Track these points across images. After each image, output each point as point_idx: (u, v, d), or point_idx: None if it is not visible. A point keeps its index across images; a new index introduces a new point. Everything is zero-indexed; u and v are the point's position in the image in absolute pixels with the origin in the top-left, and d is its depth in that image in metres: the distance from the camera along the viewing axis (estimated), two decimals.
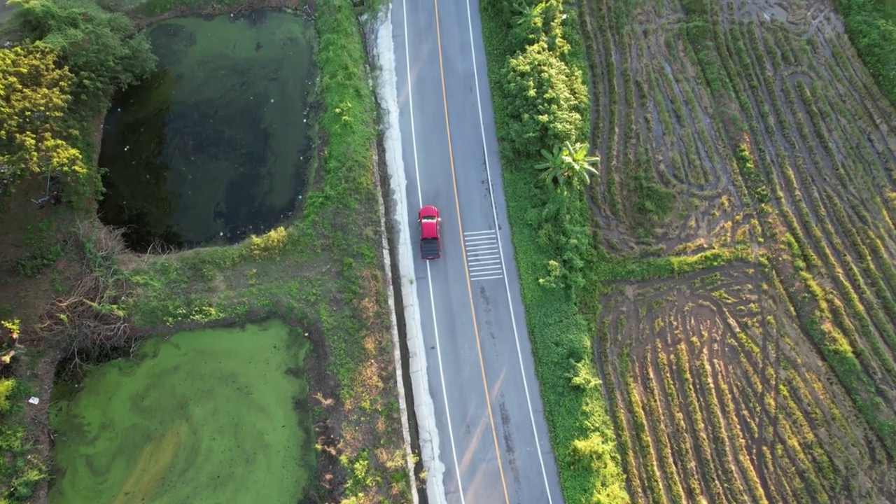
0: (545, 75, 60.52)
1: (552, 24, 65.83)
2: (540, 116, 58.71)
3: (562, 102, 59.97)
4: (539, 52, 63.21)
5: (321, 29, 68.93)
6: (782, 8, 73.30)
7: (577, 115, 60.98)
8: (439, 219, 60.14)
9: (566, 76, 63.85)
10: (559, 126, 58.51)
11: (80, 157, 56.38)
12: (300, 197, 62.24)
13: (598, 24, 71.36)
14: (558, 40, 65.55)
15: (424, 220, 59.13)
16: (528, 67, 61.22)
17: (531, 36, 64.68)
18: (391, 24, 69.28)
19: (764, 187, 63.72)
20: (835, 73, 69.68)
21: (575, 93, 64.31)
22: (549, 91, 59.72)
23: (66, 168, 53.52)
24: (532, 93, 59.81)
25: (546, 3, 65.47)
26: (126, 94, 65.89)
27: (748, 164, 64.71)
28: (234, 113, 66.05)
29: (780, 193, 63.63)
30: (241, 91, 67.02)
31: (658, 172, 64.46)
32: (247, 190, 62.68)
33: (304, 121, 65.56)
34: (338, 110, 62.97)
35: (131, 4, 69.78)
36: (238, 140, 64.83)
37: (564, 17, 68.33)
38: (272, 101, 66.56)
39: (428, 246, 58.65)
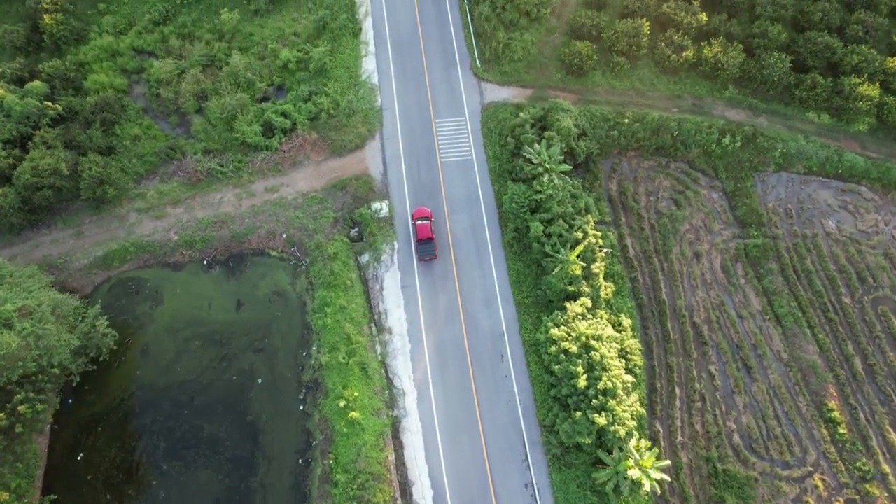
0: (596, 356, 49.29)
1: (592, 267, 54.97)
2: (597, 417, 47.19)
3: (619, 392, 48.60)
4: (583, 317, 52.23)
5: (314, 280, 57.32)
6: (848, 212, 63.27)
7: (638, 404, 49.61)
8: (433, 219, 59.07)
9: (616, 340, 52.79)
10: (620, 430, 47.08)
11: None
12: None
13: (642, 248, 60.66)
14: (602, 289, 54.71)
15: (418, 222, 57.77)
16: (574, 346, 49.92)
17: (570, 288, 53.70)
18: (398, 271, 57.71)
19: (864, 460, 52.67)
20: None
21: (628, 355, 53.29)
22: (604, 378, 48.39)
23: None
24: (583, 383, 48.45)
25: (584, 243, 54.62)
26: (79, 381, 53.60)
27: (840, 429, 53.71)
28: (214, 400, 53.84)
29: (886, 468, 52.56)
30: (222, 369, 54.94)
31: (732, 447, 53.21)
32: None
33: (301, 407, 53.51)
34: (342, 402, 51.18)
35: (84, 259, 57.99)
36: (221, 439, 52.51)
37: (606, 251, 57.69)
38: (259, 381, 54.47)
39: (423, 247, 57.21)
